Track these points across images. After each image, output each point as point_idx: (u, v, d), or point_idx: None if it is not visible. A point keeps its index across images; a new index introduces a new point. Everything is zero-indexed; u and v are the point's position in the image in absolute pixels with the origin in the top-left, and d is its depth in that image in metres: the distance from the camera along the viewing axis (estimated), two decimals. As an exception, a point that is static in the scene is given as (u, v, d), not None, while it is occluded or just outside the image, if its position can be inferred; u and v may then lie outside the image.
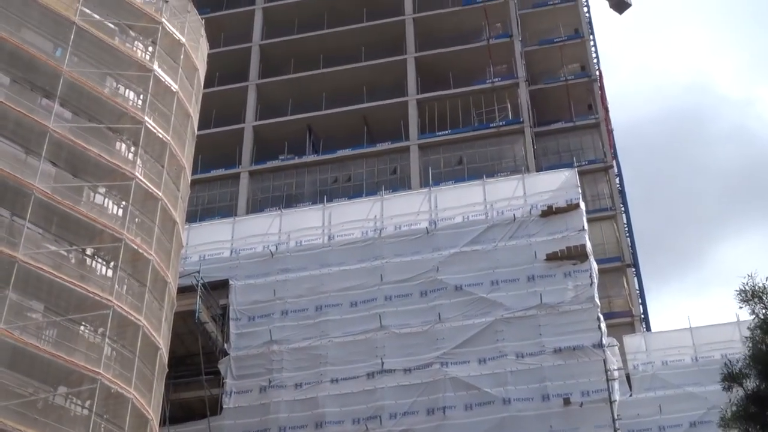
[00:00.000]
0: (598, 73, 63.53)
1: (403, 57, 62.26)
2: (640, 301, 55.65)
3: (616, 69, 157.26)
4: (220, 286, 39.88)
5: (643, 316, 55.45)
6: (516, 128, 57.05)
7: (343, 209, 42.57)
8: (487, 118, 58.24)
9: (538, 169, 54.00)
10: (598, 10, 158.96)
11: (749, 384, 20.15)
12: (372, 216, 40.95)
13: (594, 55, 64.71)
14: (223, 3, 69.00)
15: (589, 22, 66.89)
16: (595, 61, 64.59)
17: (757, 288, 19.75)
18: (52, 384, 28.41)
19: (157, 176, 32.59)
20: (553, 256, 37.52)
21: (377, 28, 64.30)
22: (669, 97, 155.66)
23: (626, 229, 58.44)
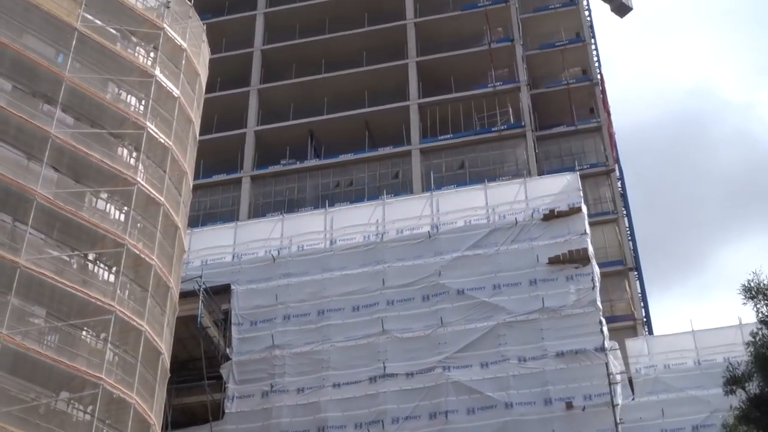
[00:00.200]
0: (599, 76, 63.53)
1: (405, 61, 62.30)
2: (642, 304, 55.64)
3: (618, 73, 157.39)
4: (222, 291, 39.91)
5: (645, 320, 55.44)
6: (518, 132, 57.07)
7: (344, 214, 42.59)
8: (489, 122, 58.25)
9: (540, 173, 54.03)
10: (600, 13, 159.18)
11: (752, 387, 20.14)
12: (374, 220, 40.96)
13: (595, 59, 64.73)
14: (225, 8, 69.06)
15: (591, 26, 66.91)
16: (597, 64, 64.63)
17: (761, 285, 19.72)
18: (54, 389, 28.42)
19: (159, 181, 32.61)
20: (555, 260, 37.52)
21: (379, 33, 64.35)
22: (671, 101, 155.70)
23: (628, 233, 58.41)
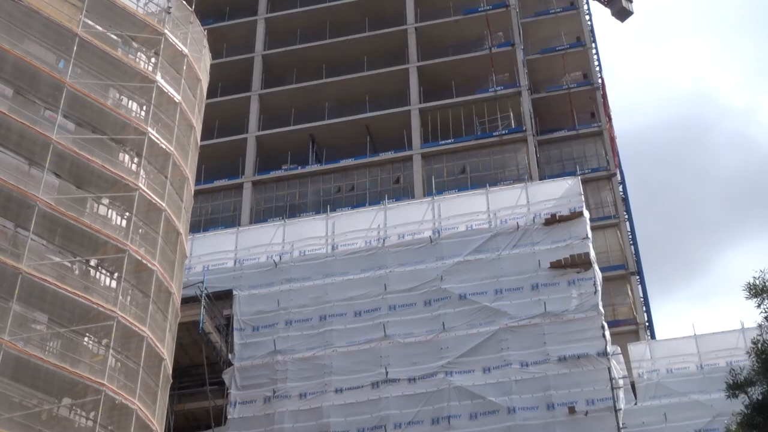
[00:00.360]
0: (600, 80, 63.48)
1: (406, 66, 62.27)
2: (644, 308, 55.52)
3: (619, 78, 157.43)
4: (224, 297, 39.91)
5: (647, 324, 55.29)
6: (519, 137, 57.00)
7: (346, 219, 42.57)
8: (490, 126, 58.21)
9: (541, 178, 53.93)
10: (600, 18, 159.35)
11: (754, 392, 20.06)
12: (375, 225, 40.97)
13: (596, 63, 64.68)
14: (226, 13, 69.09)
15: (591, 31, 66.85)
16: (598, 68, 64.56)
17: (767, 283, 19.64)
18: (57, 395, 28.40)
19: (161, 187, 32.62)
20: (557, 265, 37.51)
21: (379, 38, 64.35)
22: (671, 105, 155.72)
23: (630, 237, 58.28)
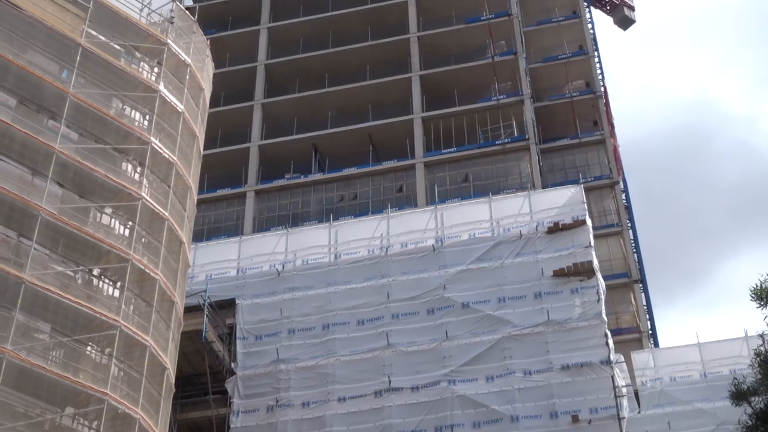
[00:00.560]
0: (603, 89, 63.52)
1: (408, 75, 62.38)
2: (647, 316, 55.50)
3: (621, 86, 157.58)
4: (227, 306, 39.89)
5: (650, 332, 55.25)
6: (521, 145, 57.04)
7: (349, 228, 42.52)
8: (493, 135, 58.24)
9: (544, 186, 53.96)
10: (603, 26, 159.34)
11: (758, 402, 20.03)
12: (378, 234, 40.93)
13: (599, 72, 64.75)
14: (229, 23, 69.25)
15: (594, 39, 66.99)
16: (600, 77, 64.63)
17: None
18: (59, 405, 28.38)
19: (164, 196, 32.64)
20: (560, 273, 37.46)
21: (382, 47, 64.46)
22: (674, 114, 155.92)
23: (633, 245, 58.32)
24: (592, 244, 38.42)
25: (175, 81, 35.03)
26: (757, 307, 19.63)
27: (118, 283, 30.87)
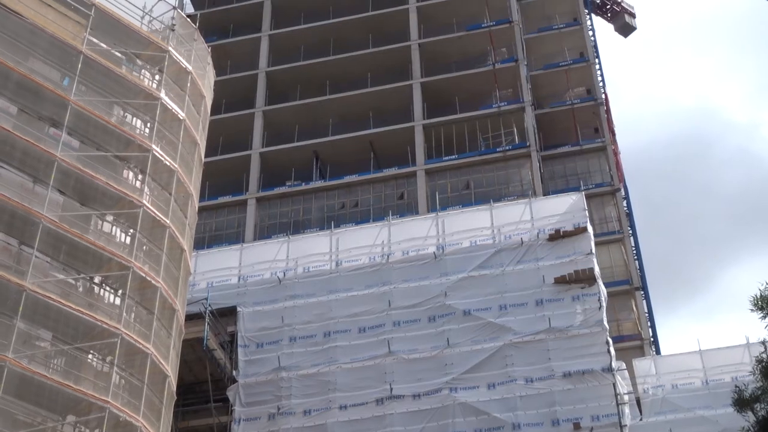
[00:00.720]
0: (603, 96, 63.54)
1: (409, 82, 62.43)
2: (649, 324, 55.40)
3: (622, 94, 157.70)
4: (228, 313, 39.86)
5: (652, 339, 55.20)
6: (522, 152, 57.06)
7: (350, 235, 42.50)
8: (494, 142, 58.26)
9: (545, 193, 53.99)
10: (603, 33, 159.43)
11: (761, 409, 20.01)
12: (379, 241, 40.90)
13: (600, 79, 64.77)
14: (230, 30, 69.33)
15: (595, 46, 67.05)
16: (601, 84, 64.65)
17: None
18: (61, 413, 28.35)
19: (165, 204, 32.64)
20: (562, 280, 37.43)
21: (383, 54, 64.52)
22: (675, 122, 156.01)
23: (634, 252, 58.28)
24: (594, 251, 38.40)
25: (177, 88, 35.05)
26: (759, 318, 19.64)
27: (120, 291, 30.87)
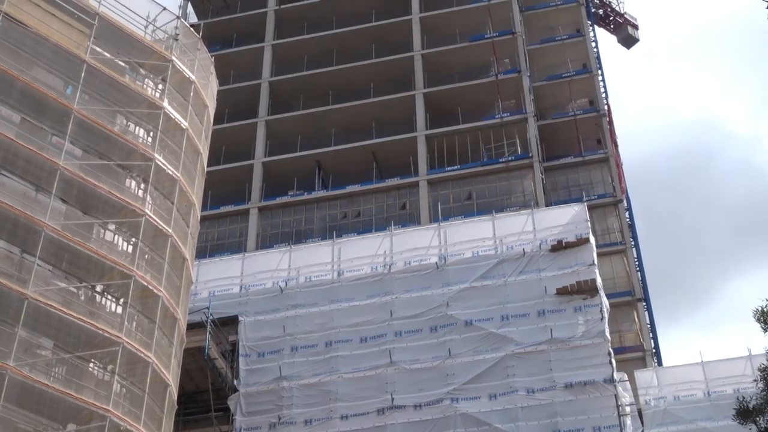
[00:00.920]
0: (606, 107, 63.56)
1: (412, 93, 62.47)
2: (651, 335, 55.33)
3: (625, 106, 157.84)
4: (230, 322, 39.85)
5: (654, 351, 55.12)
6: (525, 163, 57.10)
7: (352, 245, 42.50)
8: (496, 153, 58.29)
9: (548, 204, 53.98)
10: (606, 45, 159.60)
11: (763, 421, 19.98)
12: (381, 251, 40.88)
13: (602, 90, 64.79)
14: (233, 40, 69.44)
15: (597, 57, 67.07)
16: (604, 95, 64.68)
17: None
18: (62, 421, 28.31)
19: (167, 213, 32.65)
20: (564, 291, 37.39)
21: (386, 65, 64.60)
22: (677, 134, 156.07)
23: (636, 264, 58.22)
24: (596, 262, 38.39)
25: (180, 98, 35.09)
26: (763, 331, 19.66)
27: (121, 300, 30.86)
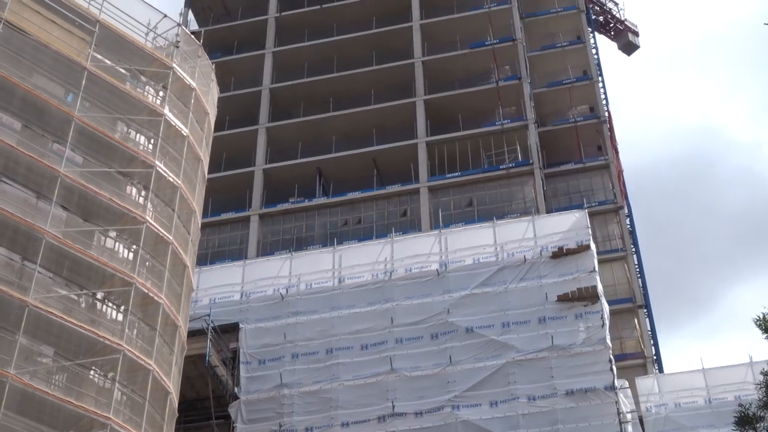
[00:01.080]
0: (607, 114, 63.58)
1: (413, 100, 62.50)
2: (652, 342, 55.30)
3: (626, 113, 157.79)
4: (231, 330, 39.82)
5: (655, 358, 55.08)
6: (525, 170, 57.10)
7: (353, 252, 42.50)
8: (497, 160, 58.30)
9: (548, 211, 53.97)
10: (607, 52, 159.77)
11: (762, 427, 19.97)
12: (382, 258, 40.87)
13: (603, 97, 64.81)
14: (234, 47, 69.49)
15: (598, 64, 67.13)
16: (604, 102, 64.71)
17: None
18: (62, 429, 28.22)
19: (168, 220, 32.65)
20: (564, 298, 37.37)
21: (387, 71, 64.66)
22: (677, 141, 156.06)
23: (637, 270, 58.20)
24: (597, 269, 38.36)
25: (180, 105, 35.12)
26: (763, 338, 19.66)
27: (122, 307, 30.85)
